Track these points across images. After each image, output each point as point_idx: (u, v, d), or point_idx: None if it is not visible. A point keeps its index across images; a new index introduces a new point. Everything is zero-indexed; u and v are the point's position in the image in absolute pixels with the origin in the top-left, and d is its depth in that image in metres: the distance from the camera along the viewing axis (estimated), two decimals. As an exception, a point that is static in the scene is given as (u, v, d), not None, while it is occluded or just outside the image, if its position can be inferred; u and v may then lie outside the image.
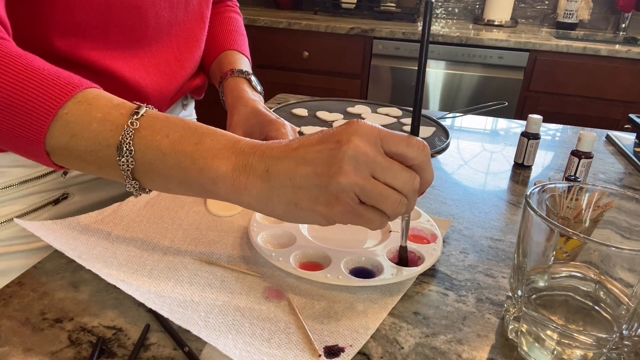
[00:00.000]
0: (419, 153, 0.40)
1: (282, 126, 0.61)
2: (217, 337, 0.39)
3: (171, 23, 0.66)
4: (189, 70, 0.73)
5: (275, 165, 0.39)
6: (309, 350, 0.39)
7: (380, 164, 0.39)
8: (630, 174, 0.82)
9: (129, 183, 0.42)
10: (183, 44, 0.70)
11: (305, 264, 0.49)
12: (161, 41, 0.66)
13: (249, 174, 0.40)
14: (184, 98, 0.83)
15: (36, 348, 0.39)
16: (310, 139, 0.40)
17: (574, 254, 0.40)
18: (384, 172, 0.39)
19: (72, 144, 0.41)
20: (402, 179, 0.39)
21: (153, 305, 0.41)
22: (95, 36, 0.57)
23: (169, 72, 0.68)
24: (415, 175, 0.40)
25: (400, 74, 2.11)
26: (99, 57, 0.58)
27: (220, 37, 0.80)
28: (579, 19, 2.36)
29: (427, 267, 0.49)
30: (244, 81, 0.71)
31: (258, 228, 0.53)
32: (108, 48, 0.59)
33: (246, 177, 0.40)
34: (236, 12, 0.87)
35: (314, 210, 0.40)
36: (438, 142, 0.89)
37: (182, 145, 0.41)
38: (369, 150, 0.38)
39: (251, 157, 0.40)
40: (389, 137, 0.39)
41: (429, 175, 0.42)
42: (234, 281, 0.47)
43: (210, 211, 0.59)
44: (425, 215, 0.58)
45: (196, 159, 0.40)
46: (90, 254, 0.48)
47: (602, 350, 0.37)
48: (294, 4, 2.55)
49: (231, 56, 0.76)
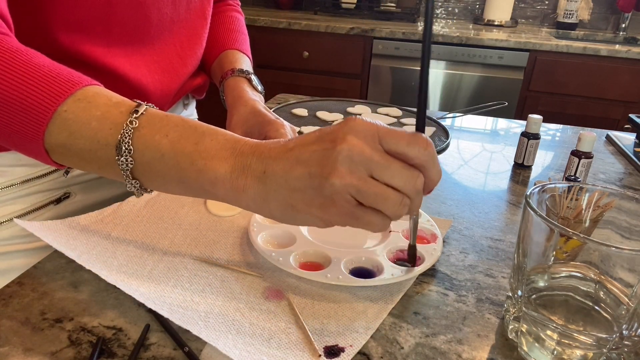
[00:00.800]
0: (421, 151, 0.37)
1: (281, 126, 0.61)
2: (217, 337, 0.39)
3: (173, 20, 0.66)
4: (191, 67, 0.73)
5: (272, 166, 0.39)
6: (309, 350, 0.39)
7: (377, 163, 0.37)
8: (630, 174, 0.82)
9: (129, 182, 0.42)
10: (185, 42, 0.70)
11: (305, 264, 0.49)
12: (163, 38, 0.66)
13: (247, 175, 0.39)
14: (185, 97, 0.83)
15: (36, 348, 0.39)
16: (307, 138, 0.39)
17: (574, 254, 0.40)
18: (382, 172, 0.37)
19: (71, 142, 0.41)
20: (403, 178, 0.37)
21: (153, 306, 0.41)
22: (98, 32, 0.57)
23: (171, 69, 0.68)
24: (418, 174, 0.38)
25: (400, 74, 2.11)
26: (101, 53, 0.58)
27: (221, 36, 0.80)
28: (579, 19, 2.36)
29: (427, 267, 0.49)
30: (244, 81, 0.71)
31: (258, 228, 0.53)
32: (110, 45, 0.59)
33: (244, 178, 0.39)
34: (237, 11, 0.87)
35: (310, 213, 0.39)
36: (438, 142, 0.89)
37: (181, 145, 0.40)
38: (365, 149, 0.37)
39: (250, 158, 0.39)
40: (388, 135, 0.37)
41: (435, 174, 0.39)
42: (234, 281, 0.47)
43: (210, 211, 0.59)
44: (426, 215, 0.58)
45: (195, 159, 0.40)
46: (90, 254, 0.48)
47: (602, 350, 0.37)
48: (294, 4, 2.55)
49: (232, 55, 0.76)
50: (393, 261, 0.50)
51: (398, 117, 1.01)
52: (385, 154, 0.37)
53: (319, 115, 0.98)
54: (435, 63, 2.07)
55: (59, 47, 0.54)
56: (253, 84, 0.71)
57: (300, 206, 0.39)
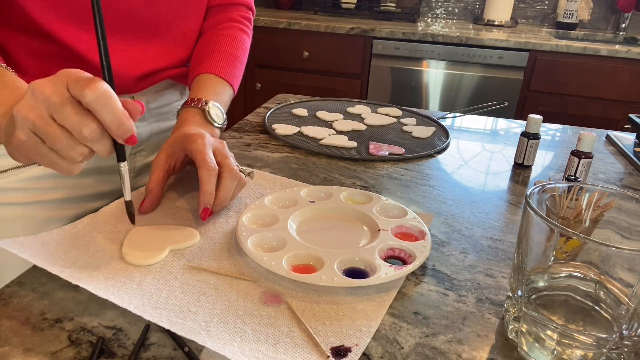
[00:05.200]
0: (89, 95, 0.39)
1: (198, 137, 0.59)
2: (224, 345, 0.38)
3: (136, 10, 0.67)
4: (153, 56, 0.73)
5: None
6: (317, 352, 0.39)
7: (54, 104, 0.39)
8: (630, 174, 0.82)
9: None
10: (141, 31, 0.70)
11: (298, 266, 0.49)
12: (132, 28, 0.68)
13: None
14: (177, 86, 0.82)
15: (36, 348, 0.39)
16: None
17: (574, 254, 0.40)
18: (57, 113, 0.40)
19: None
20: (72, 121, 0.40)
21: (150, 317, 0.40)
22: (67, 10, 0.60)
23: (133, 56, 0.70)
24: (89, 120, 0.40)
25: (400, 74, 2.11)
26: (68, 34, 0.62)
27: (202, 56, 0.76)
28: (578, 19, 2.36)
29: (419, 265, 0.49)
30: (197, 112, 0.68)
31: (247, 232, 0.52)
32: (73, 25, 0.62)
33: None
34: (239, 29, 0.81)
35: (11, 145, 0.42)
36: (438, 142, 0.89)
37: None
38: (47, 89, 0.39)
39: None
40: (73, 80, 0.40)
41: (106, 118, 0.41)
42: (229, 288, 0.46)
43: (128, 262, 0.49)
44: (412, 213, 0.58)
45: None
46: (73, 269, 0.46)
47: (602, 350, 0.37)
48: (294, 4, 2.55)
49: (203, 81, 0.73)
50: (384, 259, 0.50)
51: (398, 117, 1.01)
52: (66, 98, 0.40)
53: (319, 115, 0.98)
54: (435, 63, 2.07)
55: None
56: (208, 117, 0.67)
57: (7, 137, 0.43)
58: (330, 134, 0.88)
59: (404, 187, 0.71)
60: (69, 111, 0.39)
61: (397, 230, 0.55)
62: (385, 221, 0.56)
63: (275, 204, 0.59)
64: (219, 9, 0.81)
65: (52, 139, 0.40)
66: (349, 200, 0.62)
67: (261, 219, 0.56)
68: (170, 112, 0.83)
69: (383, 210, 0.59)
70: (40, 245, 0.49)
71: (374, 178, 0.73)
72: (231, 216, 0.58)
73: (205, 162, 0.56)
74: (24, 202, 0.66)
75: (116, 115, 0.41)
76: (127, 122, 0.42)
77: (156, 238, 0.51)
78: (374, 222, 0.56)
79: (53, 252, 0.49)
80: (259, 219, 0.56)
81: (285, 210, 0.58)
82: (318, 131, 0.89)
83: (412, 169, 0.77)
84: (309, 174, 0.73)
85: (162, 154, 0.60)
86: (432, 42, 2.04)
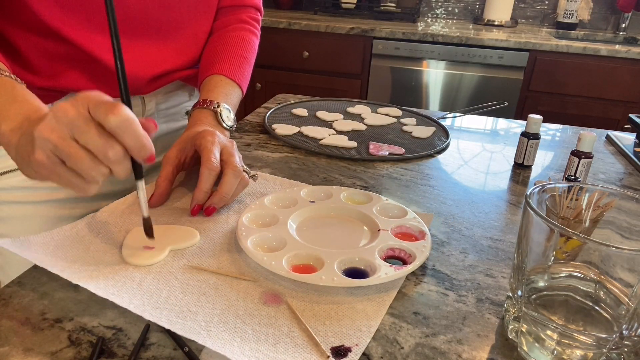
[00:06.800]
0: (111, 119, 0.40)
1: (208, 134, 0.60)
2: (224, 345, 0.38)
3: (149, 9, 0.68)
4: (170, 59, 0.74)
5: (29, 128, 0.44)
6: (317, 352, 0.39)
7: (78, 127, 0.40)
8: (630, 174, 0.82)
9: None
10: (154, 34, 0.71)
11: (298, 266, 0.49)
12: (143, 29, 0.68)
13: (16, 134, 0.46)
14: (186, 87, 0.82)
15: (36, 348, 0.39)
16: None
17: (574, 254, 0.40)
18: (81, 135, 0.40)
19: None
20: (96, 144, 0.41)
21: (151, 317, 0.41)
22: (76, 11, 0.61)
23: (147, 58, 0.70)
24: (113, 142, 0.41)
25: (400, 74, 2.11)
26: (80, 35, 0.62)
27: (212, 57, 0.77)
28: (578, 19, 2.36)
29: (419, 265, 0.49)
30: (210, 114, 0.69)
31: (247, 232, 0.52)
32: (90, 29, 0.62)
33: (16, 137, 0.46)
34: (248, 30, 0.82)
35: (28, 162, 0.43)
36: (438, 142, 0.89)
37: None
38: (70, 111, 0.40)
39: (26, 122, 0.46)
40: (95, 103, 0.41)
41: (129, 142, 0.42)
42: (229, 288, 0.46)
43: (128, 262, 0.49)
44: (412, 213, 0.58)
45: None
46: (72, 269, 0.46)
47: (602, 350, 0.37)
48: (294, 4, 2.55)
49: (214, 82, 0.73)
50: (384, 259, 0.50)
51: (398, 117, 1.01)
52: (89, 120, 0.41)
53: (319, 115, 0.98)
54: (435, 63, 2.07)
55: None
56: (219, 119, 0.69)
57: (23, 155, 0.44)
58: (330, 134, 0.88)
59: (404, 187, 0.71)
60: (93, 133, 0.40)
61: (397, 230, 0.55)
62: (385, 221, 0.56)
63: (275, 204, 0.59)
64: (228, 10, 0.81)
65: (74, 160, 0.41)
66: (349, 200, 0.62)
67: (261, 219, 0.56)
68: (179, 113, 0.84)
69: (383, 210, 0.59)
70: (41, 245, 0.50)
71: (374, 178, 0.73)
72: (231, 216, 0.58)
73: (209, 160, 0.57)
74: (34, 201, 0.67)
75: (139, 139, 0.42)
76: (148, 144, 0.43)
77: (156, 238, 0.51)
78: (374, 222, 0.56)
79: (53, 251, 0.49)
80: (259, 219, 0.56)
81: (285, 210, 0.58)
82: (318, 131, 0.89)
83: (412, 169, 0.77)
84: (309, 174, 0.73)
85: (174, 149, 0.62)
86: (432, 42, 2.04)
